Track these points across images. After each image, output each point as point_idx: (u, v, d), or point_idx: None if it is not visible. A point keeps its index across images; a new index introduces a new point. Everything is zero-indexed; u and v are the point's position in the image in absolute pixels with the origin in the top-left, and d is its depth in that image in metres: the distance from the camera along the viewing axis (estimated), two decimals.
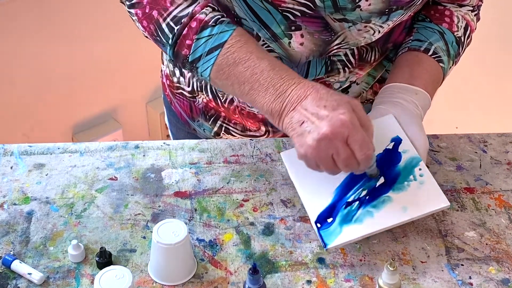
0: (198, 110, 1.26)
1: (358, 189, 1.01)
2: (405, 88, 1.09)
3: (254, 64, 0.97)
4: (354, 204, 1.00)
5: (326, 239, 0.97)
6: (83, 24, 2.14)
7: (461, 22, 1.16)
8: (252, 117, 1.22)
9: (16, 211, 1.07)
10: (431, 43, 1.13)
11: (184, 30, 0.99)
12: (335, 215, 0.99)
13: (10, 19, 1.98)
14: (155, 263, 0.96)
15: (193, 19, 0.99)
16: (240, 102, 1.21)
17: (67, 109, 2.28)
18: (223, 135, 1.28)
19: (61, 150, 1.19)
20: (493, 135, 1.25)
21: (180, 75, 1.24)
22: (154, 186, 1.12)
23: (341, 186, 1.02)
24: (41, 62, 2.12)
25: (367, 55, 1.14)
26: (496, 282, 0.98)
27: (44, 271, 0.97)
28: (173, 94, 1.30)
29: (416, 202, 0.99)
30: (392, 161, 1.03)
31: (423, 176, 1.02)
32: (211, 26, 0.99)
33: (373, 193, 1.01)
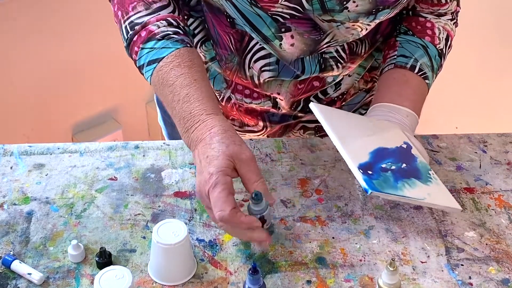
0: None
1: (388, 162, 1.01)
2: (396, 110, 1.10)
3: (175, 91, 0.99)
4: (388, 172, 0.99)
5: (370, 185, 0.94)
6: (83, 24, 2.14)
7: (442, 33, 1.16)
8: (250, 113, 1.23)
9: (16, 211, 1.07)
10: (416, 59, 1.14)
11: (134, 37, 1.04)
12: (374, 172, 0.98)
13: (10, 19, 1.98)
14: (155, 263, 0.96)
15: (144, 29, 1.03)
16: (237, 100, 1.21)
17: (67, 109, 2.28)
18: None
19: (61, 150, 1.19)
20: (493, 135, 1.25)
21: None
22: (154, 186, 1.12)
23: (374, 152, 1.01)
24: (41, 62, 2.12)
25: (358, 48, 1.15)
26: (496, 282, 0.98)
27: (44, 271, 0.97)
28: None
29: (438, 194, 1.02)
30: (409, 158, 1.04)
31: (437, 180, 1.04)
32: (156, 40, 1.02)
33: (399, 173, 1.01)
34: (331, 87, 1.20)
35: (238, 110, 1.23)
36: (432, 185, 1.03)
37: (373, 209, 1.09)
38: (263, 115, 1.23)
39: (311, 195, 1.11)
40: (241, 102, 1.21)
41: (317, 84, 1.18)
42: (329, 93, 1.21)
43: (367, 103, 1.31)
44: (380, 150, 1.03)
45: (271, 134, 1.27)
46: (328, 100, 1.22)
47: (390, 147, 1.04)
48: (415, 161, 1.05)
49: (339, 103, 1.24)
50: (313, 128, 1.28)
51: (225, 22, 1.10)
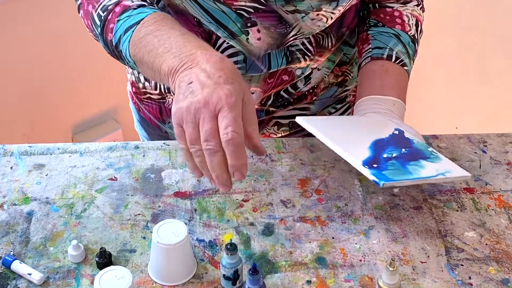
0: (169, 111, 1.26)
1: (389, 151, 1.02)
2: (382, 100, 1.11)
3: (164, 33, 0.95)
4: (392, 160, 1.00)
5: (379, 177, 0.93)
6: (83, 24, 2.14)
7: (411, 20, 1.18)
8: None
9: (16, 212, 1.07)
10: (391, 48, 1.15)
11: (109, 16, 1.01)
12: (379, 164, 0.98)
13: (10, 19, 1.98)
14: (155, 264, 0.96)
15: (118, 5, 1.01)
16: None
17: (67, 109, 2.28)
18: None
19: (61, 151, 1.19)
20: (492, 135, 1.25)
21: (145, 80, 1.25)
22: (154, 187, 1.12)
23: (372, 145, 1.02)
24: (41, 62, 2.12)
25: (324, 41, 1.16)
26: (496, 282, 0.98)
27: (44, 271, 0.97)
28: (140, 100, 1.31)
29: (444, 168, 1.02)
30: (405, 142, 1.05)
31: (438, 155, 1.05)
32: (132, 9, 1.00)
33: (403, 158, 1.01)
34: (301, 81, 1.21)
35: None
36: (438, 160, 1.04)
37: (373, 209, 1.09)
38: None
39: (311, 195, 1.11)
40: None
41: (286, 78, 1.19)
42: (299, 87, 1.22)
43: (341, 99, 1.32)
44: (377, 142, 1.03)
45: None
46: (299, 94, 1.23)
47: (384, 137, 1.05)
48: (413, 143, 1.06)
49: (310, 97, 1.25)
50: (287, 124, 1.28)
51: (192, 21, 1.10)
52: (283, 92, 1.21)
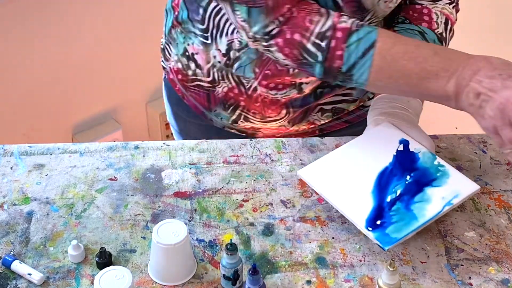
0: (217, 99, 1.26)
1: (392, 189, 1.03)
2: (396, 98, 1.11)
3: (414, 55, 0.97)
4: (397, 203, 1.01)
5: (383, 241, 0.96)
6: (83, 24, 2.14)
7: (440, 18, 1.17)
8: (275, 103, 1.23)
9: (16, 212, 1.07)
10: None
11: (331, 43, 0.99)
12: (384, 216, 0.99)
13: (10, 19, 1.98)
14: (155, 264, 0.96)
15: (337, 30, 0.99)
16: (262, 92, 1.21)
17: (67, 109, 2.28)
18: (241, 123, 1.28)
19: (61, 151, 1.19)
20: None
21: (197, 68, 1.24)
22: (154, 187, 1.12)
23: (375, 189, 1.03)
24: (41, 62, 2.12)
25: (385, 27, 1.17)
26: (495, 283, 0.98)
27: (44, 271, 0.97)
28: (186, 88, 1.30)
29: (452, 190, 1.02)
30: (411, 160, 1.06)
31: (445, 167, 1.05)
32: (356, 31, 0.99)
33: (408, 191, 1.02)
34: None
35: (262, 102, 1.22)
36: (445, 179, 1.03)
37: None
38: (287, 104, 1.23)
39: (311, 195, 1.11)
40: (266, 94, 1.21)
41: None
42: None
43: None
44: (380, 178, 1.04)
45: (292, 119, 1.26)
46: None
47: (388, 163, 1.05)
48: (418, 160, 1.05)
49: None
50: (330, 110, 1.28)
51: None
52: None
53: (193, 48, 1.21)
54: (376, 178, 1.04)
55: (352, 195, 1.02)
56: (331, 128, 1.31)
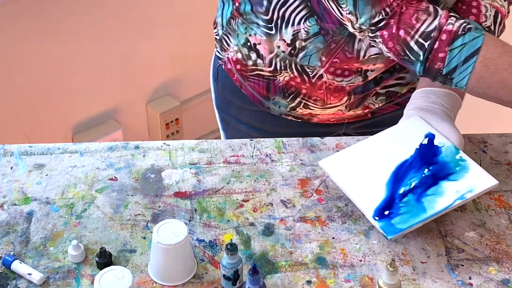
0: (277, 88, 1.27)
1: (407, 182, 1.04)
2: (433, 92, 1.12)
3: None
4: (409, 195, 1.02)
5: (387, 230, 0.98)
6: (83, 24, 2.14)
7: (489, 11, 1.15)
8: (339, 91, 1.24)
9: (16, 212, 1.07)
10: None
11: (435, 44, 1.00)
12: (392, 207, 1.01)
13: (10, 19, 1.98)
14: (155, 264, 0.96)
15: (442, 32, 1.00)
16: (328, 79, 1.21)
17: (67, 109, 2.28)
18: (299, 110, 1.30)
19: (61, 151, 1.19)
20: (493, 136, 1.25)
21: (258, 58, 1.25)
22: (154, 187, 1.12)
23: (390, 180, 1.04)
24: (41, 62, 2.12)
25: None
26: (496, 283, 0.98)
27: (44, 271, 0.97)
28: (245, 77, 1.31)
29: (467, 185, 1.02)
30: (433, 154, 1.06)
31: (466, 162, 1.05)
32: (461, 35, 1.00)
33: (423, 183, 1.03)
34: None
35: (326, 89, 1.24)
36: (463, 173, 1.04)
37: None
38: (350, 92, 1.24)
39: (311, 196, 1.11)
40: (332, 81, 1.22)
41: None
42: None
43: None
44: (398, 170, 1.05)
45: (349, 105, 1.28)
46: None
47: (409, 156, 1.06)
48: (440, 153, 1.06)
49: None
50: (385, 94, 1.29)
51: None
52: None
53: (255, 38, 1.22)
54: (394, 170, 1.05)
55: (366, 185, 1.04)
56: (382, 110, 1.32)
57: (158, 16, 2.28)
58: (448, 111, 1.10)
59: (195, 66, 2.49)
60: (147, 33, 2.29)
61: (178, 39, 2.37)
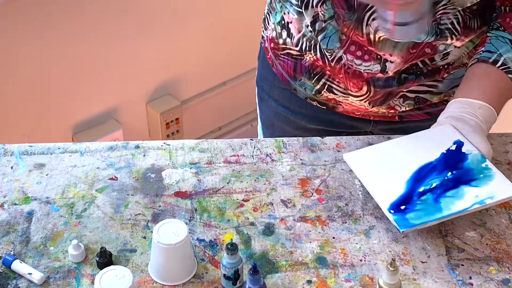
0: (304, 68, 1.30)
1: (428, 182, 1.04)
2: (469, 104, 1.11)
3: None
4: (427, 194, 1.02)
5: (400, 223, 0.98)
6: (83, 24, 2.14)
7: None
8: (357, 77, 1.24)
9: (17, 211, 1.07)
10: (500, 54, 1.14)
11: None
12: (409, 203, 1.01)
13: (10, 19, 1.98)
14: (155, 263, 0.96)
15: None
16: (348, 60, 1.22)
17: (67, 109, 2.28)
18: (324, 93, 1.31)
19: (61, 150, 1.19)
20: (493, 135, 1.25)
21: (288, 37, 1.28)
22: (154, 186, 1.12)
23: (411, 179, 1.04)
24: (41, 62, 2.12)
25: (471, 22, 1.17)
26: (496, 282, 0.98)
27: (44, 271, 0.97)
28: (277, 56, 1.35)
29: (488, 191, 1.02)
30: (459, 159, 1.06)
31: (491, 171, 1.05)
32: None
33: (444, 185, 1.03)
34: (439, 55, 1.21)
35: (345, 73, 1.25)
36: (487, 181, 1.03)
37: (373, 209, 1.09)
38: (368, 80, 1.24)
39: (312, 195, 1.11)
40: (351, 63, 1.22)
41: (429, 51, 1.19)
42: (435, 60, 1.22)
43: None
44: (421, 170, 1.05)
45: (373, 100, 1.28)
46: (434, 67, 1.23)
47: (434, 159, 1.06)
48: (466, 160, 1.06)
49: (443, 72, 1.24)
50: (413, 98, 1.29)
51: None
52: (420, 62, 1.22)
53: (288, 17, 1.26)
54: (416, 169, 1.06)
55: (387, 181, 1.05)
56: (411, 117, 1.32)
57: (158, 16, 2.28)
58: (482, 123, 1.10)
59: (195, 66, 2.49)
60: (147, 33, 2.29)
61: (178, 39, 2.37)
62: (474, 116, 1.10)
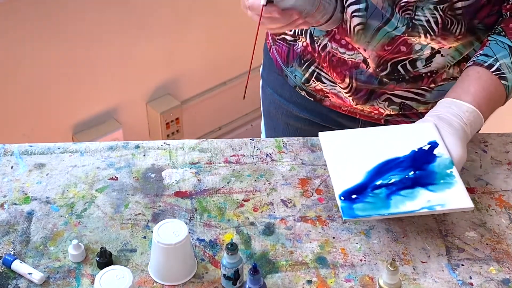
0: (296, 54, 1.31)
1: (388, 177, 1.03)
2: (457, 105, 1.11)
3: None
4: (382, 189, 1.02)
5: (346, 212, 0.98)
6: (83, 24, 2.14)
7: None
8: (341, 65, 1.24)
9: (17, 211, 1.07)
10: (497, 59, 1.13)
11: None
12: (361, 194, 1.01)
13: (10, 19, 1.98)
14: (155, 263, 0.96)
15: None
16: (332, 48, 1.23)
17: (67, 109, 2.28)
18: (312, 83, 1.31)
19: (61, 150, 1.19)
20: (493, 135, 1.25)
21: None
22: (154, 186, 1.12)
23: (372, 170, 1.04)
24: (41, 62, 2.12)
25: (452, 26, 1.15)
26: (496, 282, 0.98)
27: (44, 271, 0.97)
28: (274, 40, 1.37)
29: (441, 198, 1.00)
30: (426, 160, 1.06)
31: (454, 179, 1.03)
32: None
33: (401, 183, 1.02)
34: (421, 61, 1.20)
35: (329, 61, 1.25)
36: (445, 188, 1.02)
37: None
38: (351, 71, 1.24)
39: (312, 195, 1.11)
40: (335, 51, 1.23)
41: (404, 49, 1.18)
42: (417, 67, 1.21)
43: None
44: (385, 164, 1.05)
45: (356, 98, 1.28)
46: (416, 74, 1.22)
47: (402, 155, 1.06)
48: (433, 162, 1.05)
49: (427, 81, 1.23)
50: (398, 104, 1.28)
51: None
52: (400, 66, 1.21)
53: None
54: (381, 162, 1.05)
55: (349, 167, 1.05)
56: (397, 122, 1.32)
57: (159, 16, 2.28)
58: (466, 126, 1.09)
59: (195, 66, 2.49)
60: (147, 32, 2.29)
61: (178, 39, 2.37)
62: (460, 118, 1.09)
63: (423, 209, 0.99)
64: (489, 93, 1.12)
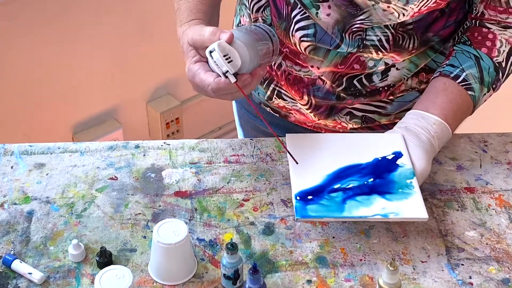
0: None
1: (346, 181, 1.03)
2: (424, 117, 1.10)
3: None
4: (339, 193, 1.02)
5: (299, 212, 0.99)
6: (83, 24, 2.14)
7: (504, 46, 1.14)
8: (298, 83, 1.24)
9: (17, 211, 1.07)
10: (463, 69, 1.13)
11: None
12: (317, 196, 1.01)
13: (10, 19, 1.98)
14: (155, 263, 0.96)
15: None
16: (287, 67, 1.23)
17: (67, 109, 2.28)
18: (275, 99, 1.31)
19: (61, 150, 1.19)
20: (493, 135, 1.25)
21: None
22: (154, 186, 1.12)
23: (333, 174, 1.05)
24: (41, 62, 2.12)
25: (404, 42, 1.15)
26: (496, 282, 0.98)
27: (44, 270, 0.97)
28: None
29: (397, 207, 1.00)
30: (388, 169, 1.06)
31: (412, 190, 1.02)
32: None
33: (359, 189, 1.03)
34: (377, 76, 1.20)
35: (286, 79, 1.25)
36: (402, 198, 1.01)
37: None
38: (308, 88, 1.24)
39: None
40: (290, 69, 1.23)
41: (358, 67, 1.18)
42: (374, 81, 1.20)
43: None
44: (347, 169, 1.05)
45: (318, 114, 1.27)
46: (373, 88, 1.22)
47: (364, 162, 1.06)
48: (394, 172, 1.05)
49: (385, 94, 1.23)
50: (360, 117, 1.27)
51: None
52: (356, 81, 1.21)
53: (243, 20, 1.27)
54: (343, 167, 1.06)
55: (310, 169, 1.05)
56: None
57: (158, 16, 2.28)
58: (434, 139, 1.09)
59: None
60: (147, 33, 2.29)
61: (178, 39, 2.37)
62: (427, 131, 1.09)
63: (376, 215, 0.99)
64: (456, 104, 1.12)
